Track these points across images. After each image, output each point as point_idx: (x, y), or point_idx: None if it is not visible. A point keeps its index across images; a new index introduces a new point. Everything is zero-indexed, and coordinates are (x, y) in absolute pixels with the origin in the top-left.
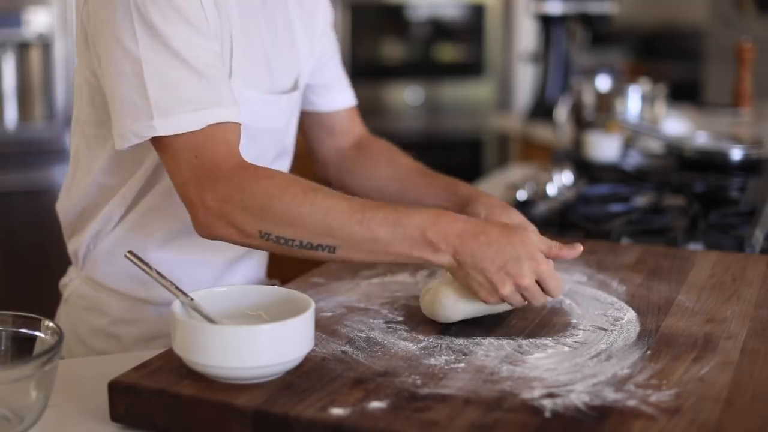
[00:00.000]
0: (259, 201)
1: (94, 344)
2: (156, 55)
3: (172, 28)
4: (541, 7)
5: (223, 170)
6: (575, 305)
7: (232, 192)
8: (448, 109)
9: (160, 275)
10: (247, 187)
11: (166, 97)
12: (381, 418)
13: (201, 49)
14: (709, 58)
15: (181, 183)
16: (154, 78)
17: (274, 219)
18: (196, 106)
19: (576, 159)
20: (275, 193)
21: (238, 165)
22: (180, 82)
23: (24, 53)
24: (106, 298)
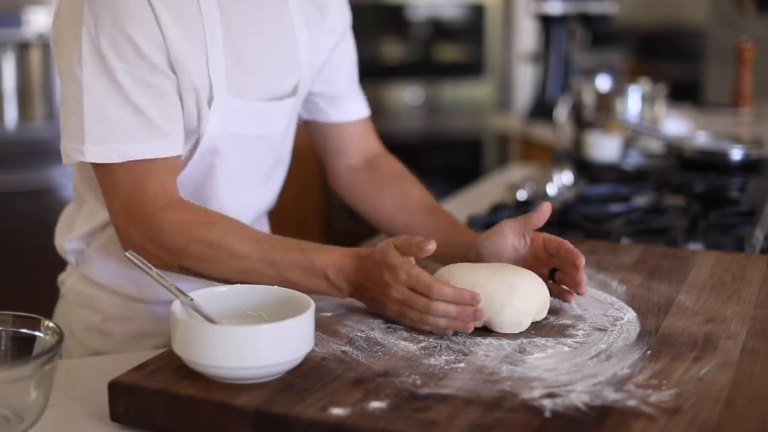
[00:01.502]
0: (178, 245)
1: (86, 340)
2: (98, 83)
3: (119, 59)
4: (541, 7)
5: (149, 210)
6: (575, 305)
7: (154, 233)
8: (448, 109)
9: (160, 275)
10: (167, 231)
11: (100, 126)
12: (381, 418)
13: (145, 84)
14: (709, 58)
15: (111, 211)
16: (92, 105)
17: (191, 260)
18: (127, 139)
19: (576, 159)
20: (193, 238)
21: (162, 207)
22: (116, 113)
23: (24, 53)
24: (99, 295)
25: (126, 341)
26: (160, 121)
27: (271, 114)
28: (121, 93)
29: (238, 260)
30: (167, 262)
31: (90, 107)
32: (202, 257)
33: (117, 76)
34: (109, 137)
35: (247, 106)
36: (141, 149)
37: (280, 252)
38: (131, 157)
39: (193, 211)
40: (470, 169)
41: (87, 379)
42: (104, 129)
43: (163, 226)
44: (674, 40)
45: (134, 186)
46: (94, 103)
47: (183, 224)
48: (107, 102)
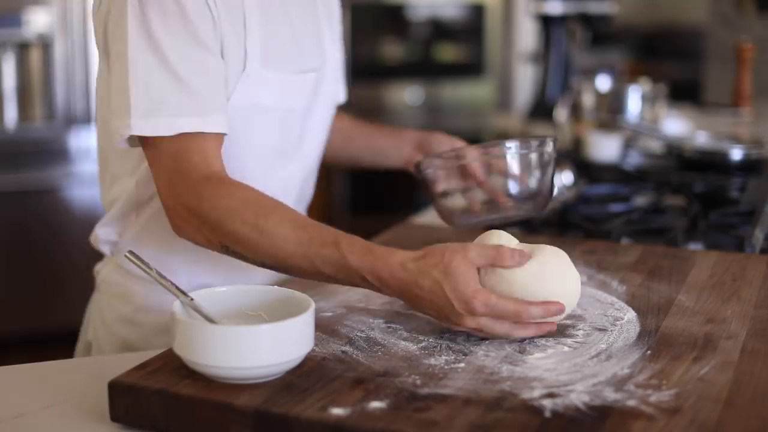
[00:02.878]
0: (215, 218)
1: (117, 331)
2: (145, 57)
3: (167, 32)
4: (541, 7)
5: (192, 180)
6: (575, 305)
7: (197, 203)
8: (448, 109)
9: (160, 275)
10: (207, 202)
11: (146, 100)
12: (381, 418)
13: (192, 58)
14: (709, 58)
15: (158, 183)
16: (139, 80)
17: (229, 237)
18: (174, 112)
19: (576, 159)
20: (229, 213)
21: (205, 176)
22: (162, 87)
23: (24, 53)
24: (132, 285)
25: (156, 332)
26: (206, 97)
27: (294, 87)
28: (168, 66)
29: (273, 248)
30: (210, 238)
31: (136, 81)
32: (240, 237)
33: (164, 50)
34: (157, 111)
35: (276, 78)
36: (189, 123)
37: (317, 245)
38: (179, 130)
39: (234, 186)
40: None
41: (87, 379)
42: (150, 102)
43: (203, 198)
44: (674, 40)
45: (178, 156)
46: (140, 76)
47: (222, 197)
48: (153, 75)
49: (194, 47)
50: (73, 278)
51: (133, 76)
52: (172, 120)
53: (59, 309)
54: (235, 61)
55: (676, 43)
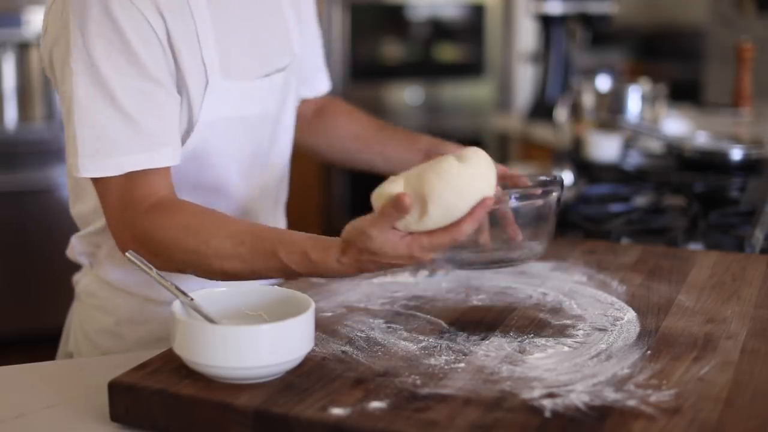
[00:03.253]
0: (161, 250)
1: (99, 343)
2: (90, 94)
3: (112, 67)
4: (541, 7)
5: (138, 212)
6: (575, 305)
7: (143, 236)
8: (448, 109)
9: (161, 275)
10: (151, 234)
11: (93, 140)
12: (381, 418)
13: (139, 92)
14: (709, 58)
15: (107, 217)
16: (85, 118)
17: (180, 265)
18: (121, 152)
19: (576, 159)
20: (172, 244)
21: (150, 206)
22: (109, 125)
23: (24, 53)
24: (113, 297)
25: (139, 344)
26: (154, 131)
27: (262, 91)
28: (114, 102)
29: (220, 270)
30: (163, 266)
31: (82, 121)
32: (187, 263)
33: (110, 86)
34: (104, 151)
35: (240, 87)
36: (137, 161)
37: (261, 261)
38: (126, 170)
39: (172, 213)
40: None
41: (87, 379)
42: (97, 142)
43: (147, 230)
44: (674, 40)
45: (125, 189)
46: (86, 116)
47: (164, 228)
48: (99, 114)
49: (141, 80)
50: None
51: (80, 115)
52: (120, 159)
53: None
54: (197, 78)
55: (676, 43)
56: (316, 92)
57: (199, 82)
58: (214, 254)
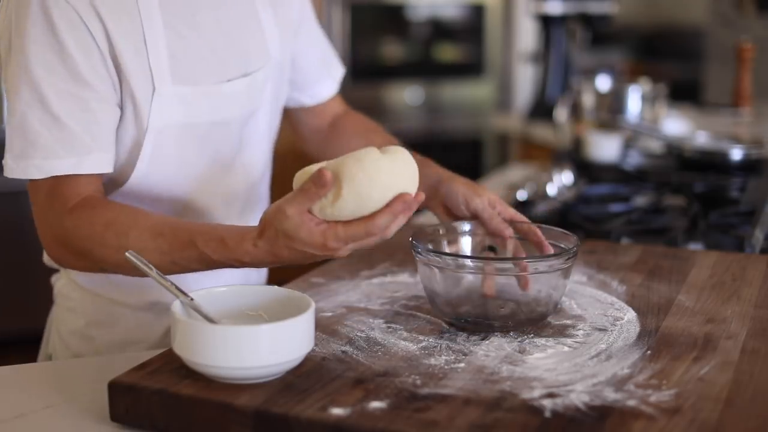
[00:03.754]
0: (82, 248)
1: (70, 345)
2: (23, 94)
3: (46, 69)
4: (541, 7)
5: (58, 214)
6: (575, 305)
7: (64, 236)
8: (448, 109)
9: (160, 275)
10: (72, 232)
11: (21, 141)
12: (381, 418)
13: (71, 96)
14: (709, 58)
15: (35, 219)
16: (15, 118)
17: (102, 262)
18: (47, 155)
19: (576, 159)
20: (92, 241)
21: (73, 206)
22: (37, 126)
23: None
24: (83, 298)
25: (108, 347)
26: (84, 136)
27: (221, 97)
28: (44, 104)
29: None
30: (86, 266)
31: (12, 121)
32: (108, 261)
33: (42, 87)
34: (30, 152)
35: (194, 92)
36: (62, 165)
37: (178, 251)
38: (51, 173)
39: (93, 209)
40: (470, 169)
41: (87, 379)
42: (25, 143)
43: (68, 229)
44: (674, 40)
45: (50, 192)
46: (16, 116)
47: (85, 225)
48: (29, 116)
49: (74, 84)
50: None
51: (11, 114)
52: (45, 162)
53: None
54: (143, 83)
55: (676, 43)
56: (317, 99)
57: (145, 87)
58: (134, 247)
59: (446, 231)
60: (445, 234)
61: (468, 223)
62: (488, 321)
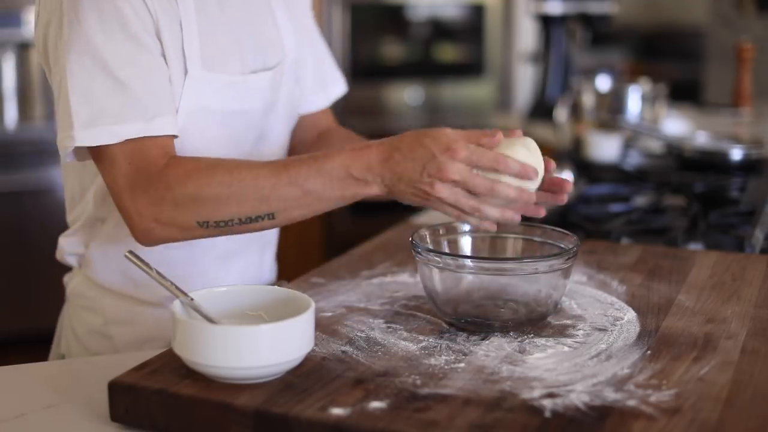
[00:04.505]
0: (190, 194)
1: (88, 344)
2: (84, 63)
3: (105, 36)
4: (541, 7)
5: (153, 173)
6: (575, 305)
7: (163, 192)
8: (448, 109)
9: (160, 275)
10: (175, 184)
11: (87, 109)
12: (381, 418)
13: (133, 61)
14: (709, 58)
15: (117, 192)
16: (78, 88)
17: (208, 207)
18: (116, 120)
19: (576, 159)
20: (203, 181)
21: (166, 164)
22: (103, 93)
23: (24, 53)
24: (101, 297)
25: (127, 345)
26: (150, 100)
27: (246, 88)
28: (107, 71)
29: (254, 189)
30: (184, 223)
31: (75, 90)
32: (218, 198)
33: (103, 54)
34: (99, 120)
35: (221, 80)
36: (133, 128)
37: (294, 167)
38: (123, 137)
39: (195, 160)
40: None
41: (87, 379)
42: (92, 111)
43: (169, 182)
44: (674, 40)
45: (133, 159)
46: (79, 85)
47: (188, 173)
48: (92, 83)
49: (135, 49)
50: None
51: (73, 85)
52: (115, 128)
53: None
54: (177, 65)
55: (676, 43)
56: (305, 110)
57: (178, 70)
58: (248, 174)
59: (446, 231)
60: (445, 234)
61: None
62: (488, 321)
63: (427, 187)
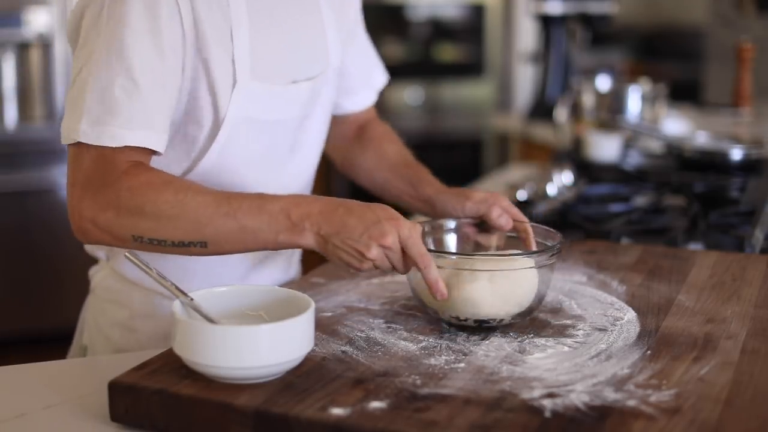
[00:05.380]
0: (133, 207)
1: (113, 337)
2: (108, 62)
3: (135, 39)
4: (541, 7)
5: (111, 177)
6: (575, 305)
7: (110, 198)
8: (448, 109)
9: (160, 275)
10: (123, 194)
11: (99, 107)
12: (381, 418)
13: (155, 71)
14: (709, 58)
15: (70, 184)
16: (96, 84)
17: (147, 223)
18: (123, 124)
19: (576, 159)
20: (149, 197)
21: (125, 171)
22: (118, 94)
23: (24, 53)
24: (128, 290)
25: (151, 339)
26: (157, 113)
27: (287, 98)
28: (129, 75)
29: (193, 215)
30: (119, 234)
31: (94, 85)
32: (157, 217)
33: (131, 57)
34: (107, 119)
35: (268, 90)
36: (135, 136)
37: (237, 200)
38: (124, 143)
39: (151, 173)
40: (470, 169)
41: (87, 379)
42: (103, 109)
43: (119, 191)
44: (674, 40)
45: (103, 163)
46: (99, 81)
47: (140, 185)
48: (112, 82)
49: (157, 57)
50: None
51: (94, 79)
52: (120, 131)
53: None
54: (224, 75)
55: (676, 43)
56: (357, 107)
57: (226, 79)
58: (192, 200)
59: (431, 229)
60: (430, 232)
61: (452, 220)
62: (480, 320)
63: (363, 248)
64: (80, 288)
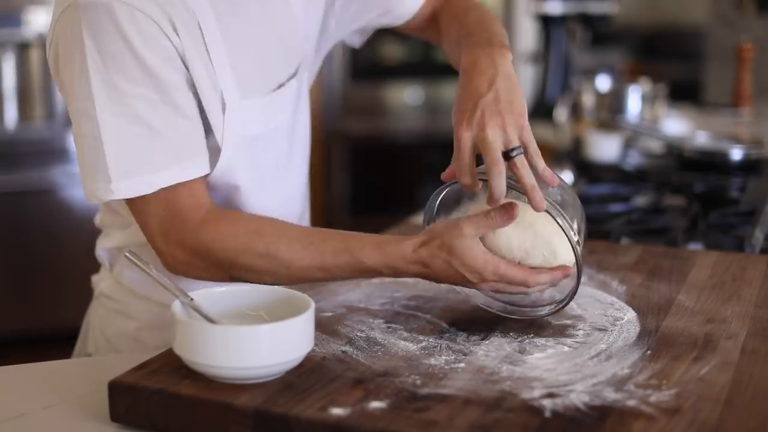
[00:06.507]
0: (225, 258)
1: (119, 347)
2: (113, 115)
3: (131, 84)
4: (541, 7)
5: (189, 226)
6: (575, 305)
7: (202, 248)
8: (448, 109)
9: (160, 275)
10: (213, 245)
11: (123, 161)
12: (381, 418)
13: (161, 106)
14: (709, 58)
15: (150, 235)
16: (111, 139)
17: (241, 271)
18: (153, 168)
19: (576, 159)
20: (239, 251)
21: (202, 219)
22: (136, 142)
23: (24, 53)
24: (135, 302)
25: (160, 350)
26: (182, 142)
27: (277, 104)
28: (138, 120)
29: (287, 269)
30: (216, 275)
31: (110, 142)
32: (252, 269)
33: (132, 104)
34: (135, 170)
35: (257, 104)
36: (169, 176)
37: (330, 256)
38: (160, 186)
39: (234, 221)
40: None
41: (87, 379)
42: (128, 162)
43: (206, 242)
44: (674, 40)
45: (168, 205)
46: (113, 136)
47: (228, 236)
48: (126, 133)
49: (161, 93)
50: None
51: (106, 136)
52: (152, 177)
53: (59, 309)
54: (214, 102)
55: (676, 43)
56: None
57: (215, 105)
58: (284, 256)
59: None
60: None
61: None
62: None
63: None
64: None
